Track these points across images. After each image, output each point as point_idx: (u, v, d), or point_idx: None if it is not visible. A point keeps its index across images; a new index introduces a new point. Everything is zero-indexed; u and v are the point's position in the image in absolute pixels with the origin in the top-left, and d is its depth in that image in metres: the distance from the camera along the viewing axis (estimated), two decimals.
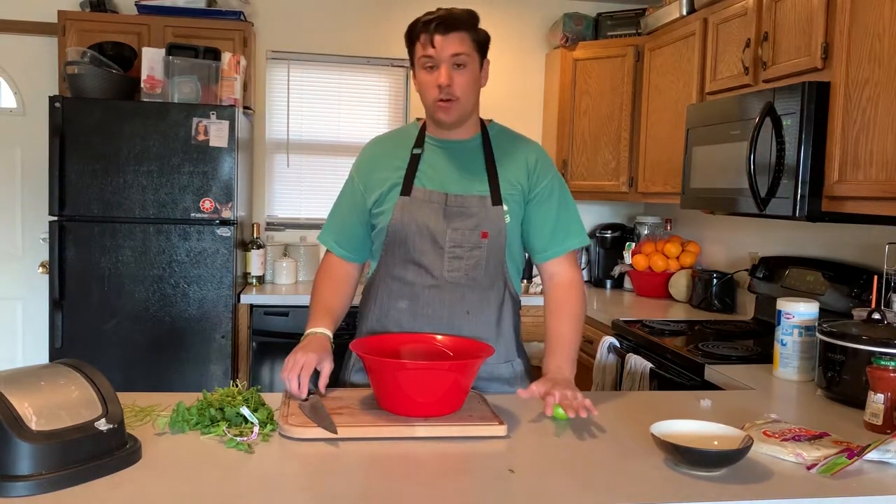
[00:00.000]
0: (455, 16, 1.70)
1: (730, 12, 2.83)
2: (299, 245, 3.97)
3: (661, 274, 3.67)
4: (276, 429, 1.48)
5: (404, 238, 1.80)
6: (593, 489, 1.26)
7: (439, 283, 1.80)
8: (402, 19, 4.55)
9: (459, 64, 1.71)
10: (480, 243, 1.79)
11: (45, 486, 1.16)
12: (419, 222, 1.78)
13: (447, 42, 1.69)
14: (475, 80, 1.77)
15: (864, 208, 2.10)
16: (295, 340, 1.73)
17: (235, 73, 3.36)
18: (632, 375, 2.63)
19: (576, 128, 3.95)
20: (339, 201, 1.94)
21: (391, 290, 1.85)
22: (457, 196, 1.79)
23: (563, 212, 1.86)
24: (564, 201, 1.87)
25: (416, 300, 1.82)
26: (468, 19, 1.73)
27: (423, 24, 1.71)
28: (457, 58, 1.70)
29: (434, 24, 1.69)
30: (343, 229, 1.90)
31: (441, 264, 1.80)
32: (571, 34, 3.94)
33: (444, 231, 1.78)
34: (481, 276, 1.82)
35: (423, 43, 1.71)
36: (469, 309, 1.82)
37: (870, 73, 2.07)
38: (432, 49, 1.70)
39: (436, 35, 1.69)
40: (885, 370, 1.61)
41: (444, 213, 1.79)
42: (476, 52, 1.74)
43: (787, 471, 1.36)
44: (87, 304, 3.22)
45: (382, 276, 1.87)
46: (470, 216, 1.79)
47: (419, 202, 1.79)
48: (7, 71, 3.84)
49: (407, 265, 1.82)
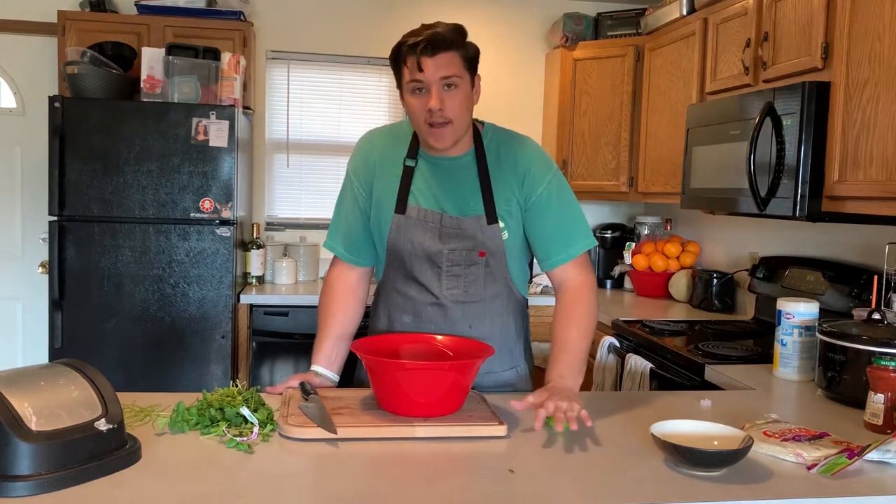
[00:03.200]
0: (442, 36, 1.60)
1: (730, 12, 2.83)
2: (299, 245, 3.97)
3: (661, 274, 3.67)
4: (275, 429, 1.48)
5: (402, 258, 1.79)
6: (593, 489, 1.26)
7: (440, 301, 1.80)
8: (403, 19, 4.55)
9: (450, 84, 1.63)
10: (478, 261, 1.77)
11: (45, 486, 1.16)
12: (415, 243, 1.77)
13: (436, 64, 1.60)
14: (467, 100, 1.68)
15: (864, 208, 2.10)
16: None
17: (235, 73, 3.36)
18: (632, 375, 2.63)
19: (576, 128, 3.95)
20: (340, 205, 1.88)
21: (396, 303, 1.85)
22: (452, 217, 1.75)
23: (564, 216, 1.78)
24: (564, 205, 1.78)
25: (418, 316, 1.82)
26: (456, 37, 1.62)
27: (408, 48, 1.61)
28: (447, 80, 1.62)
29: (420, 46, 1.59)
30: (349, 234, 1.86)
31: (440, 283, 1.79)
32: (571, 34, 3.94)
33: (440, 251, 1.76)
34: (481, 291, 1.80)
35: (411, 67, 1.61)
36: (471, 323, 1.81)
37: (870, 73, 2.07)
38: (420, 73, 1.60)
39: (423, 58, 1.59)
40: (885, 370, 1.61)
41: (439, 233, 1.76)
42: (467, 71, 1.65)
43: (787, 471, 1.36)
44: (86, 304, 3.22)
45: (388, 288, 1.87)
46: (466, 237, 1.76)
47: (414, 221, 1.76)
48: (7, 71, 3.84)
49: (408, 282, 1.82)
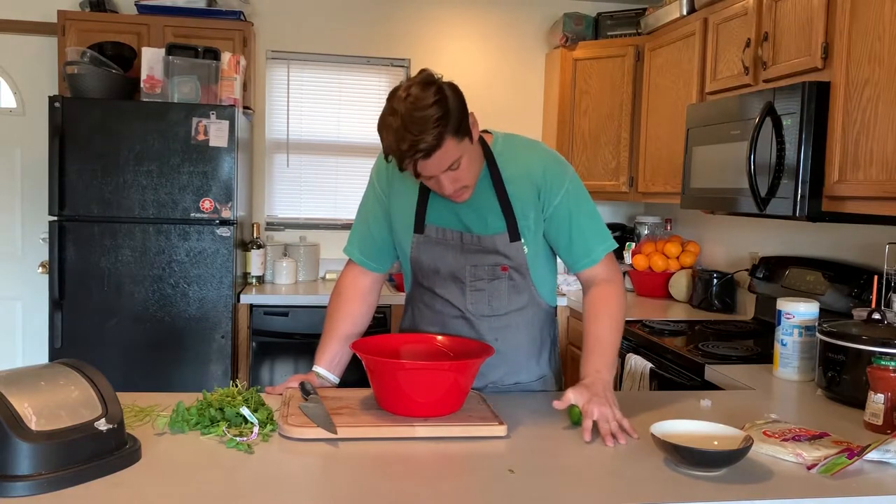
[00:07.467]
0: (431, 143, 1.49)
1: (730, 12, 2.83)
2: (299, 245, 3.97)
3: (661, 274, 3.67)
4: (275, 429, 1.48)
5: (426, 274, 1.80)
6: (593, 489, 1.26)
7: (465, 314, 1.80)
8: (403, 19, 4.54)
9: (455, 167, 1.58)
10: (501, 275, 1.77)
11: (44, 486, 1.16)
12: (437, 261, 1.77)
13: (433, 164, 1.54)
14: (474, 161, 1.64)
15: (864, 208, 2.10)
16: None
17: (235, 72, 3.36)
18: (632, 375, 2.63)
19: (576, 128, 3.95)
20: (362, 209, 1.88)
21: (423, 314, 1.85)
22: (473, 236, 1.75)
23: (582, 224, 1.76)
24: (583, 213, 1.76)
25: (444, 328, 1.82)
26: (442, 129, 1.50)
27: (401, 159, 1.53)
28: (450, 166, 1.57)
29: (410, 155, 1.51)
30: (367, 237, 1.86)
31: (464, 298, 1.79)
32: (571, 34, 3.94)
33: (463, 268, 1.76)
34: (506, 304, 1.79)
35: (410, 168, 1.56)
36: (498, 336, 1.80)
37: (870, 73, 2.07)
38: (423, 173, 1.57)
39: (419, 163, 1.53)
40: (885, 370, 1.61)
41: (461, 250, 1.76)
42: (462, 141, 1.57)
43: (787, 471, 1.36)
44: (86, 304, 3.22)
45: (415, 299, 1.88)
46: (488, 253, 1.75)
47: (434, 241, 1.76)
48: (7, 71, 3.84)
49: (434, 297, 1.82)
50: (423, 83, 1.52)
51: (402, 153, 1.51)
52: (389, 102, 1.53)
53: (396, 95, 1.52)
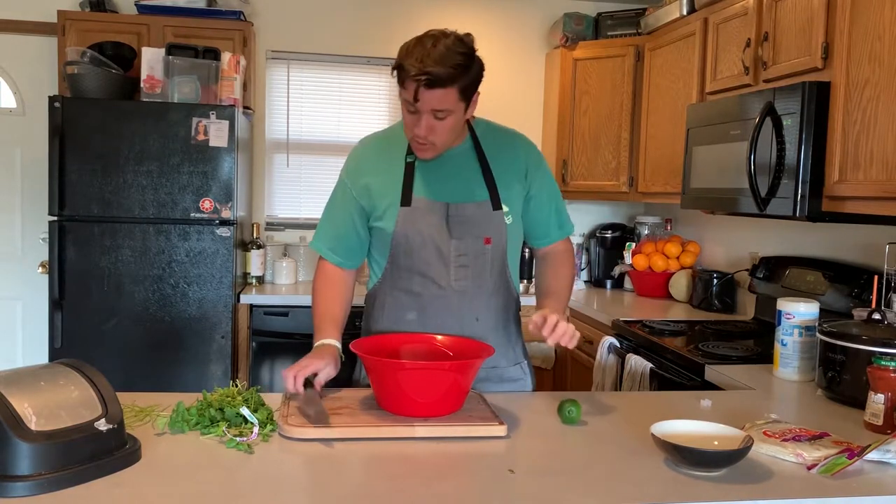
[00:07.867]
0: (441, 76, 1.60)
1: (730, 12, 2.83)
2: (299, 245, 3.97)
3: (661, 274, 3.67)
4: (275, 429, 1.48)
5: (409, 250, 1.79)
6: (593, 489, 1.26)
7: (446, 293, 1.80)
8: (403, 19, 4.54)
9: (440, 117, 1.67)
10: (484, 249, 1.80)
11: (44, 486, 1.16)
12: (423, 234, 1.78)
13: (430, 98, 1.62)
14: (456, 125, 1.72)
15: (864, 208, 2.10)
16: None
17: (235, 72, 3.36)
18: (632, 375, 2.63)
19: (576, 128, 3.95)
20: (330, 207, 1.90)
21: (399, 301, 1.84)
22: (458, 205, 1.79)
23: (558, 204, 1.94)
24: (555, 193, 1.94)
25: (424, 311, 1.82)
26: (456, 74, 1.61)
27: (409, 72, 1.61)
28: (438, 112, 1.66)
29: (420, 78, 1.60)
30: (337, 236, 1.87)
31: (448, 274, 1.79)
32: (571, 34, 3.94)
33: (447, 241, 1.78)
34: (487, 281, 1.82)
35: (408, 89, 1.64)
36: (478, 315, 1.83)
37: (870, 73, 2.07)
38: (415, 100, 1.64)
39: (420, 88, 1.61)
40: (886, 370, 1.61)
41: (446, 223, 1.78)
42: (461, 101, 1.67)
43: (788, 471, 1.36)
44: (86, 304, 3.22)
45: (388, 288, 1.86)
46: (473, 224, 1.79)
47: (421, 212, 1.78)
48: (7, 71, 3.84)
49: (413, 276, 1.82)
50: (463, 37, 1.65)
51: (413, 70, 1.59)
52: (429, 32, 1.65)
53: (439, 30, 1.65)
